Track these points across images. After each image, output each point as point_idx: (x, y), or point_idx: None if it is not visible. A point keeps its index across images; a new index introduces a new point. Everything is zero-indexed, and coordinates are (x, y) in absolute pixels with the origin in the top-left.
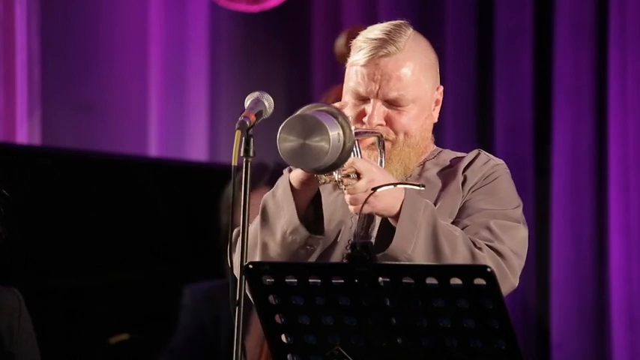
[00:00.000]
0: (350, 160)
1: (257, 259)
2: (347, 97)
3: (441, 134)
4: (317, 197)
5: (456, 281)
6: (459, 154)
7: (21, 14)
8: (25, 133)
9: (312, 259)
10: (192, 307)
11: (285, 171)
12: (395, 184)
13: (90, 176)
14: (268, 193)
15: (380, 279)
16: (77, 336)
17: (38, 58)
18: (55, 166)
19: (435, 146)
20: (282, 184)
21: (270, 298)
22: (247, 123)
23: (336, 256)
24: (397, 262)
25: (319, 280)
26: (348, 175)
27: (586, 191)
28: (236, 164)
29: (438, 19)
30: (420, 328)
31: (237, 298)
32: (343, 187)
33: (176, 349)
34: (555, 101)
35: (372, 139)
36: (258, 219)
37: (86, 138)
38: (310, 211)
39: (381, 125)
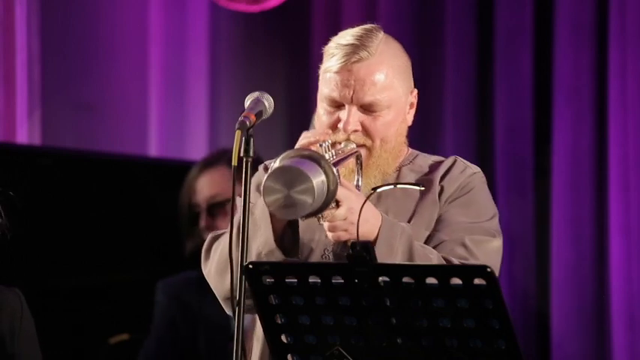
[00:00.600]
0: None
1: (228, 274)
2: (321, 104)
3: (440, 134)
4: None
5: (456, 281)
6: (436, 159)
7: (21, 14)
8: (25, 133)
9: None
10: (164, 304)
11: (261, 168)
12: (395, 184)
13: (90, 176)
14: None
15: (380, 279)
16: (77, 336)
17: (38, 58)
18: (55, 166)
19: (410, 149)
20: (260, 203)
21: (270, 298)
22: (247, 123)
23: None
24: (397, 263)
25: (319, 280)
26: None
27: (586, 191)
28: (236, 164)
29: (438, 19)
30: (420, 328)
31: (238, 298)
32: (322, 220)
33: (150, 348)
34: (555, 101)
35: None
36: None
37: (86, 138)
38: (287, 233)
39: (357, 131)
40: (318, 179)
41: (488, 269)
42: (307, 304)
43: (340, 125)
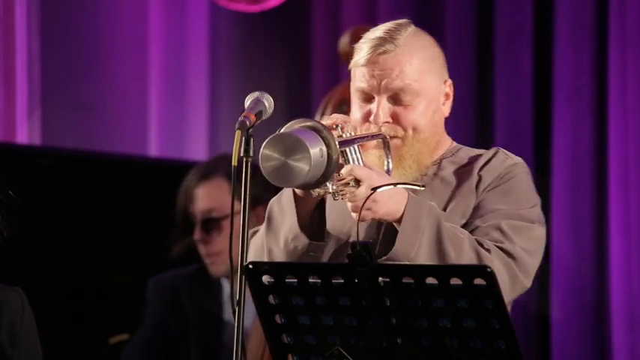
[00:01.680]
0: (348, 167)
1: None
2: (353, 99)
3: None
4: (322, 203)
5: (456, 281)
6: (478, 152)
7: (21, 14)
8: (25, 133)
9: (325, 260)
10: (155, 303)
11: None
12: (395, 184)
13: (90, 176)
14: (275, 198)
15: (380, 279)
16: (77, 336)
17: (38, 58)
18: (55, 166)
19: (454, 143)
20: (287, 189)
21: (270, 298)
22: (247, 123)
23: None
24: (398, 262)
25: (319, 280)
26: (348, 184)
27: (586, 191)
28: (236, 164)
29: (438, 19)
30: (420, 328)
31: (238, 298)
32: (340, 197)
33: (134, 349)
34: (555, 101)
35: (375, 141)
36: (264, 225)
37: (86, 138)
38: (315, 218)
39: (388, 122)
40: (316, 147)
41: (488, 269)
42: (307, 304)
43: (371, 118)
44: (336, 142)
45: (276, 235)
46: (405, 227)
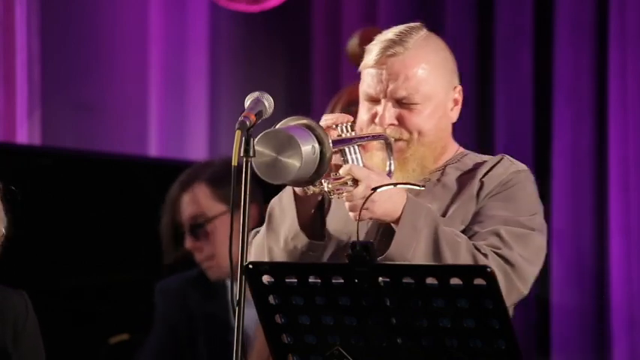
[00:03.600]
0: (347, 167)
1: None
2: (361, 101)
3: None
4: (322, 203)
5: (456, 281)
6: (484, 158)
7: (21, 14)
8: (25, 133)
9: (324, 260)
10: (163, 309)
11: None
12: (395, 184)
13: (90, 176)
14: (276, 197)
15: (380, 279)
16: (77, 336)
17: (38, 58)
18: (55, 166)
19: (461, 148)
20: (288, 189)
21: (270, 298)
22: (247, 123)
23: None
24: (398, 262)
25: (319, 280)
26: (345, 183)
27: (586, 191)
28: (236, 164)
29: (438, 19)
30: (420, 328)
31: (238, 298)
32: (336, 196)
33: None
34: (555, 101)
35: (380, 143)
36: (265, 224)
37: (86, 138)
38: (315, 218)
39: (393, 125)
40: (308, 145)
41: (488, 269)
42: (307, 304)
43: (377, 120)
44: (330, 141)
45: (276, 235)
46: (402, 228)
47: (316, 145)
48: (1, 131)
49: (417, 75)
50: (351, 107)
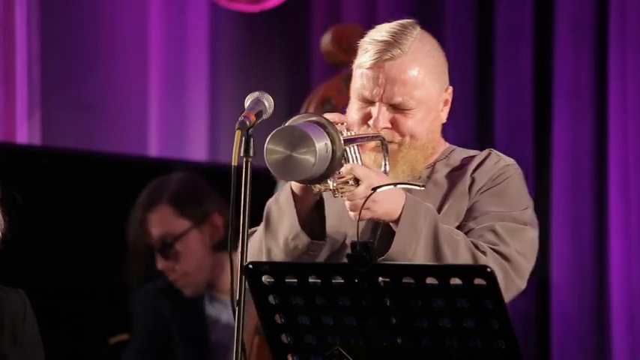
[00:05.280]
0: (348, 166)
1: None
2: (353, 98)
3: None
4: (320, 202)
5: (456, 281)
6: (471, 153)
7: (21, 14)
8: (25, 133)
9: (321, 260)
10: (141, 316)
11: None
12: (395, 184)
13: (90, 176)
14: (272, 198)
15: (380, 279)
16: (77, 336)
17: (38, 58)
18: (55, 166)
19: (448, 144)
20: (285, 189)
21: (270, 298)
22: (247, 123)
23: (344, 259)
24: (398, 262)
25: (319, 280)
26: (347, 182)
27: (586, 191)
28: (236, 164)
29: (438, 19)
30: (420, 328)
31: (238, 298)
32: (339, 195)
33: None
34: (555, 101)
35: (374, 142)
36: (262, 225)
37: (86, 138)
38: (314, 217)
39: (387, 128)
40: (322, 142)
41: (488, 269)
42: (307, 304)
43: (370, 122)
44: (341, 139)
45: (275, 235)
46: (402, 227)
47: (328, 143)
48: (1, 131)
49: (413, 80)
50: (325, 105)
